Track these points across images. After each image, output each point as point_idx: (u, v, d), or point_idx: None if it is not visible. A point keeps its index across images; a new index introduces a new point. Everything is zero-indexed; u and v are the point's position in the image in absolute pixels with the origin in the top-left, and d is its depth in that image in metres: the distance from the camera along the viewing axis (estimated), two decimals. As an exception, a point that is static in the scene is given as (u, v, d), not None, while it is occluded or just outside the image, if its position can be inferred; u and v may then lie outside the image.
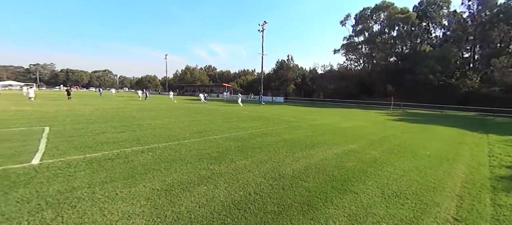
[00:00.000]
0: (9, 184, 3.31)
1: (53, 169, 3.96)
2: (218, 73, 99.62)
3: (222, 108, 20.16)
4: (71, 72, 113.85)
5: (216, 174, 4.02)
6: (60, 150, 5.12)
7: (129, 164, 4.37)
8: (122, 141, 6.25)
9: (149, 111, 15.02)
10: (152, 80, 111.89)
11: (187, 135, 7.50)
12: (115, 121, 9.96)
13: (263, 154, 5.40)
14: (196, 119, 11.89)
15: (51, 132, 7.06)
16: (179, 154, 5.22)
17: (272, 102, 40.33)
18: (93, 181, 3.54)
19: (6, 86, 62.65)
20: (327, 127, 10.40)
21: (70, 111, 13.55)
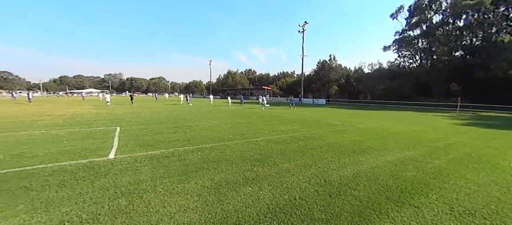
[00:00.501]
0: (94, 174, 4.04)
1: (124, 163, 4.67)
2: (257, 76, 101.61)
3: (262, 111, 20.44)
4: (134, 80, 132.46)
5: (260, 176, 4.10)
6: (128, 147, 6.01)
7: (182, 162, 4.83)
8: (175, 141, 6.94)
9: (196, 114, 16.31)
10: (198, 85, 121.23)
11: (231, 136, 7.86)
12: (169, 123, 11.13)
13: (306, 158, 5.26)
14: (238, 121, 12.35)
15: (121, 132, 8.34)
16: (224, 154, 5.51)
17: (313, 105, 38.96)
18: (154, 175, 4.03)
19: (88, 93, 76.74)
20: (376, 132, 9.49)
21: (133, 113, 15.75)
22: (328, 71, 56.04)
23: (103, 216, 2.68)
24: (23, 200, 3.03)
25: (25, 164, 4.50)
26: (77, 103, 28.31)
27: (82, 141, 6.69)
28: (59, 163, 4.60)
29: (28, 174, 3.96)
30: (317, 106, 34.74)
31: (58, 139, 6.85)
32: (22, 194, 3.20)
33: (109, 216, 2.70)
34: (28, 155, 5.11)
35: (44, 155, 5.11)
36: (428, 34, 40.48)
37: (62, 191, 3.32)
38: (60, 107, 20.68)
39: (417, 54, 45.33)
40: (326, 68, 56.72)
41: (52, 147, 5.88)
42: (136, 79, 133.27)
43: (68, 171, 4.13)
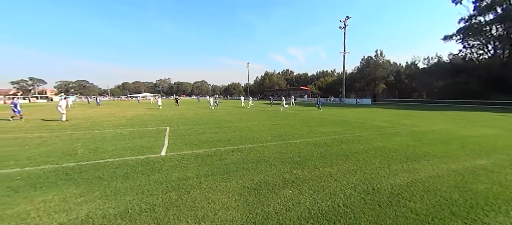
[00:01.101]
0: (150, 169, 4.57)
1: (173, 160, 5.15)
2: (295, 77, 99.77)
3: (300, 112, 19.95)
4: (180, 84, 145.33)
5: (300, 179, 4.00)
6: (177, 146, 6.61)
7: (224, 162, 5.06)
8: (217, 141, 7.33)
9: (234, 115, 16.92)
10: (236, 87, 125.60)
11: (269, 138, 7.90)
12: (210, 124, 11.83)
13: (350, 163, 4.91)
14: (276, 123, 12.32)
15: (171, 131, 9.23)
16: (263, 156, 5.57)
17: (357, 105, 36.22)
18: (199, 173, 4.34)
19: (144, 97, 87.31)
20: (436, 135, 8.26)
21: (180, 115, 17.25)
22: (374, 68, 51.33)
23: (158, 207, 3.01)
24: (98, 188, 3.62)
25: (98, 157, 5.38)
26: (134, 106, 32.50)
27: (140, 139, 7.64)
28: (123, 158, 5.35)
29: (101, 166, 4.72)
30: (361, 106, 32.17)
31: (122, 137, 7.97)
32: (97, 183, 3.83)
33: (163, 207, 3.01)
34: (100, 150, 6.09)
35: (112, 151, 6.01)
36: (505, 18, 33.33)
37: (126, 182, 3.85)
38: (122, 110, 24.04)
39: (489, 44, 37.79)
40: (372, 64, 52.08)
41: (118, 144, 6.88)
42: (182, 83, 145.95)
43: (130, 165, 4.78)
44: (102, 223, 2.65)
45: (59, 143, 7.05)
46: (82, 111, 22.40)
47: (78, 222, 2.67)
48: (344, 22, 43.10)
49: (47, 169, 4.57)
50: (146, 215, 2.81)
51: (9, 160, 5.16)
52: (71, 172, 4.37)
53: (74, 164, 4.83)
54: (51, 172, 4.36)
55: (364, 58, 55.04)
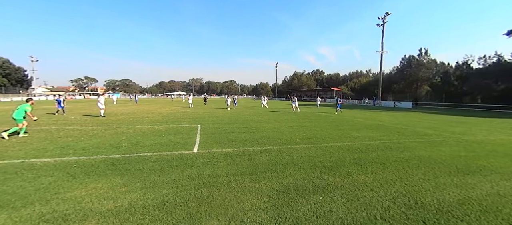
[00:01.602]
0: (183, 164, 4.83)
1: (205, 158, 5.36)
2: (325, 77, 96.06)
3: (332, 114, 19.13)
4: (211, 83, 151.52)
5: (331, 185, 3.82)
6: (207, 144, 6.88)
7: (252, 162, 5.10)
8: (245, 141, 7.43)
9: (262, 115, 16.97)
10: (264, 87, 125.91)
11: (297, 140, 7.73)
12: (239, 123, 12.05)
13: (388, 172, 4.53)
14: (304, 125, 12.01)
15: (202, 129, 9.65)
16: (292, 158, 5.46)
17: (395, 108, 33.36)
18: (229, 171, 4.44)
19: (177, 95, 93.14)
20: (495, 146, 7.14)
21: (210, 114, 17.94)
22: (417, 69, 46.60)
23: (191, 202, 3.15)
24: (139, 180, 3.95)
25: (139, 151, 5.88)
26: (169, 104, 34.83)
27: (174, 135, 8.15)
28: (160, 152, 5.77)
29: (141, 159, 5.15)
30: (399, 110, 29.53)
31: (159, 133, 8.60)
32: (138, 175, 4.19)
33: (195, 203, 3.15)
34: (141, 144, 6.66)
35: (151, 145, 6.52)
36: None
37: (163, 176, 4.14)
38: (159, 107, 25.95)
39: None
40: (414, 64, 47.37)
41: (155, 139, 7.44)
42: (212, 83, 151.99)
43: (166, 160, 5.12)
44: (142, 212, 2.88)
45: (107, 136, 7.90)
46: (124, 107, 24.80)
47: (122, 209, 2.94)
48: (383, 19, 40.10)
49: (98, 159, 5.15)
50: (180, 209, 2.97)
51: (69, 149, 5.96)
52: (117, 163, 4.86)
53: (119, 156, 5.36)
54: (101, 162, 4.90)
55: (405, 57, 50.34)
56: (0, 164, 4.73)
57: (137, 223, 2.65)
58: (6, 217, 2.75)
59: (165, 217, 2.78)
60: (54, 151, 5.73)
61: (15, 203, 3.08)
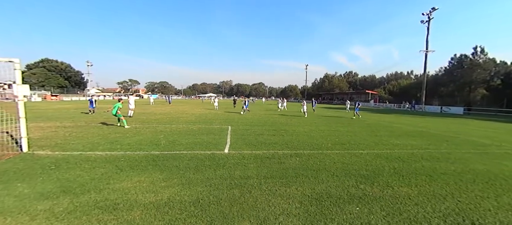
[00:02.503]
0: (216, 164, 5.01)
1: (235, 158, 5.49)
2: (359, 79, 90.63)
3: (367, 119, 17.93)
4: (240, 85, 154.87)
5: (369, 196, 3.56)
6: (238, 145, 7.03)
7: (282, 165, 5.05)
8: (275, 144, 7.39)
9: (291, 118, 16.71)
10: (293, 89, 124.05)
11: (329, 145, 7.41)
12: (268, 125, 12.05)
13: (436, 186, 4.05)
14: (336, 129, 11.47)
15: (232, 130, 9.91)
16: (324, 164, 5.25)
17: (442, 114, 29.81)
18: (259, 173, 4.46)
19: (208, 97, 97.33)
20: None
21: (239, 116, 18.31)
22: (470, 69, 40.90)
23: (224, 202, 3.25)
24: (176, 176, 4.22)
25: (176, 149, 6.29)
26: (201, 105, 36.52)
27: (206, 135, 8.52)
28: (194, 151, 6.08)
29: (178, 157, 5.49)
30: (447, 116, 26.29)
31: (192, 133, 9.08)
32: (175, 171, 4.47)
33: (228, 202, 3.23)
34: (177, 143, 7.11)
35: (186, 144, 6.92)
36: None
37: (197, 174, 4.35)
38: (191, 108, 27.43)
39: None
40: (466, 65, 41.73)
41: (189, 138, 7.88)
42: (241, 85, 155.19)
43: (199, 159, 5.37)
44: (179, 208, 3.06)
45: (148, 134, 8.63)
46: (161, 108, 26.79)
47: (162, 203, 3.17)
48: (428, 15, 36.32)
49: (140, 154, 5.65)
50: (214, 207, 3.08)
51: (117, 145, 6.66)
52: (156, 159, 5.27)
53: (159, 153, 5.81)
54: (143, 158, 5.37)
55: (455, 57, 44.60)
56: (64, 155, 5.51)
57: (175, 217, 2.83)
58: (69, 201, 3.18)
59: (200, 214, 2.91)
60: (105, 146, 6.47)
61: (76, 190, 3.55)
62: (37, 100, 41.87)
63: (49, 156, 5.34)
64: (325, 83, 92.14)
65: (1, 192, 3.41)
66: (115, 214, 2.87)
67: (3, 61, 5.70)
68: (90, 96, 17.91)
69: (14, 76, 5.83)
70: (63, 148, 6.12)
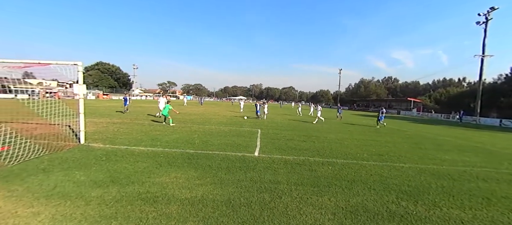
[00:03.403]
0: (246, 166, 5.09)
1: (265, 162, 5.50)
2: (400, 86, 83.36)
3: (408, 129, 16.36)
4: (270, 89, 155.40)
5: (412, 215, 3.23)
6: (267, 149, 7.03)
7: (314, 173, 4.89)
8: (305, 150, 7.20)
9: (322, 124, 16.10)
10: (325, 94, 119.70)
11: (365, 155, 6.94)
12: (298, 131, 11.81)
13: (496, 211, 3.48)
14: (373, 138, 10.69)
15: (262, 134, 9.97)
16: (359, 175, 4.93)
17: (501, 128, 25.63)
18: (289, 180, 4.39)
19: (239, 99, 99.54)
20: None
21: (269, 119, 18.33)
22: (542, 76, 34.46)
23: (254, 205, 3.28)
24: (209, 175, 4.40)
25: (208, 149, 6.57)
26: (231, 107, 37.56)
27: (237, 137, 8.72)
28: (225, 152, 6.27)
29: (210, 157, 5.73)
30: (509, 130, 22.47)
31: (224, 134, 9.39)
32: (208, 171, 4.67)
33: (258, 206, 3.25)
34: (210, 143, 7.43)
35: (218, 145, 7.19)
36: None
37: (228, 175, 4.47)
38: (222, 110, 28.37)
39: None
40: (537, 71, 35.22)
41: (221, 139, 8.16)
42: (271, 89, 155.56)
43: (231, 160, 5.52)
44: (212, 206, 3.18)
45: (184, 133, 9.19)
46: (194, 109, 28.27)
47: (196, 200, 3.34)
48: (486, 16, 31.74)
49: (177, 152, 6.04)
50: (244, 210, 3.12)
51: (157, 142, 7.24)
52: (191, 157, 5.57)
53: (193, 152, 6.14)
54: (179, 155, 5.72)
55: (521, 61, 38.02)
56: (113, 148, 6.18)
57: (208, 215, 2.95)
58: (117, 191, 3.55)
59: (232, 214, 2.98)
60: (147, 142, 7.08)
61: (122, 181, 3.95)
62: (92, 98, 47.95)
63: (101, 149, 6.06)
64: (361, 89, 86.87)
65: (63, 178, 3.97)
66: (155, 206, 3.11)
67: (69, 64, 6.69)
68: (125, 95, 19.64)
69: (75, 77, 6.82)
70: (112, 142, 6.88)
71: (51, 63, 6.34)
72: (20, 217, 2.71)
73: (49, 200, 3.14)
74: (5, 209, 2.87)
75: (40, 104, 8.31)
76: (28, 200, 3.11)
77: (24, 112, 10.43)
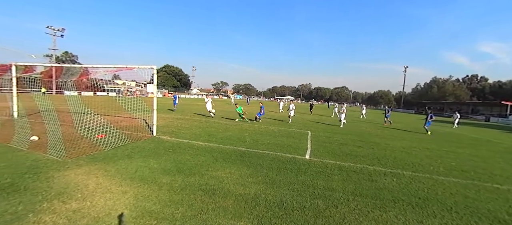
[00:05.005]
0: (297, 169, 4.97)
1: (317, 166, 5.24)
2: (489, 85, 66.78)
3: (502, 141, 12.96)
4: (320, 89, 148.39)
5: (517, 254, 2.51)
6: (319, 152, 6.70)
7: (374, 184, 4.38)
8: (363, 157, 6.54)
9: (382, 129, 14.34)
10: (385, 95, 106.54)
11: (441, 169, 5.81)
12: (353, 135, 10.84)
13: None
14: (451, 149, 8.86)
15: (312, 136, 9.58)
16: (435, 193, 4.16)
17: None
18: (345, 188, 4.06)
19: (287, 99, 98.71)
20: None
21: (317, 121, 17.48)
22: None
23: (307, 210, 3.15)
24: (260, 174, 4.49)
25: (259, 148, 6.71)
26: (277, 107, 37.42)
27: (286, 138, 8.63)
28: (275, 152, 6.28)
29: (261, 156, 5.84)
30: None
31: (273, 134, 9.44)
32: (259, 169, 4.76)
33: (312, 212, 3.11)
34: (260, 142, 7.58)
35: (268, 144, 7.27)
36: None
37: (279, 176, 4.46)
38: (270, 110, 28.59)
39: None
40: None
41: (270, 139, 8.22)
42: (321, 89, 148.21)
43: (281, 161, 5.49)
44: (265, 206, 3.22)
45: (235, 131, 9.67)
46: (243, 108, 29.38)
47: (249, 198, 3.44)
48: None
49: (230, 149, 6.39)
50: (298, 214, 3.04)
51: (212, 137, 7.83)
52: (243, 155, 5.81)
53: (245, 149, 6.38)
54: (232, 152, 6.04)
55: None
56: (178, 141, 7.00)
57: (261, 214, 2.99)
58: (182, 180, 3.99)
59: (285, 217, 2.94)
60: (204, 138, 7.75)
61: (185, 171, 4.41)
62: (160, 96, 55.80)
63: (168, 141, 6.95)
64: (433, 90, 73.57)
65: (141, 164, 4.71)
66: (213, 198, 3.35)
67: (147, 68, 7.91)
68: (174, 94, 21.63)
69: (149, 78, 8.13)
70: (177, 136, 7.81)
71: (135, 67, 7.62)
72: (113, 193, 3.34)
73: (132, 182, 3.78)
74: (103, 185, 3.59)
75: (124, 100, 10.03)
76: (118, 180, 3.82)
77: (114, 106, 12.96)
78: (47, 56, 49.63)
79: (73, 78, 11.52)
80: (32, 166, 4.25)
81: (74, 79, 11.36)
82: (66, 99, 16.89)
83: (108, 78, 10.98)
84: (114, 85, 44.31)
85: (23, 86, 11.27)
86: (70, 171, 4.11)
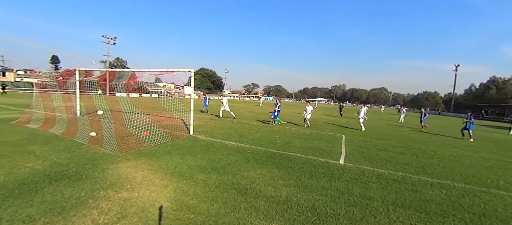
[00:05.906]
0: (330, 174, 4.80)
1: (353, 173, 4.98)
2: None
3: None
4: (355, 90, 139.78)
5: None
6: (355, 157, 6.35)
7: (419, 195, 3.98)
8: (405, 164, 5.99)
9: (429, 135, 12.86)
10: (432, 97, 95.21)
11: (502, 183, 4.99)
12: (393, 140, 9.98)
13: None
14: (520, 161, 7.51)
15: (347, 140, 9.11)
16: (494, 210, 3.60)
17: None
18: (385, 198, 3.78)
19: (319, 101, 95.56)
20: None
21: (349, 123, 16.50)
22: None
23: (342, 218, 3.03)
24: (292, 177, 4.46)
25: (290, 150, 6.66)
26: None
27: (319, 141, 8.37)
28: (307, 155, 6.16)
29: (292, 158, 5.79)
30: None
31: (305, 136, 9.25)
32: (290, 172, 4.73)
33: (347, 221, 2.98)
34: (291, 144, 7.52)
35: (299, 147, 7.17)
36: None
37: (311, 180, 4.37)
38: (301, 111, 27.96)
39: None
40: None
41: (302, 142, 8.08)
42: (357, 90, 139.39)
43: (313, 165, 5.37)
44: (297, 209, 3.20)
45: (266, 132, 9.75)
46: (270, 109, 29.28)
47: (281, 200, 3.45)
48: None
49: (261, 150, 6.48)
50: (332, 221, 2.95)
51: (244, 138, 8.04)
52: (274, 157, 5.83)
53: (276, 151, 6.40)
54: (263, 153, 6.12)
55: None
56: (212, 141, 7.36)
57: (293, 217, 2.98)
58: (216, 178, 4.20)
59: (318, 223, 2.88)
60: (236, 138, 8.00)
61: (219, 170, 4.63)
62: (195, 97, 59.29)
63: (204, 140, 7.36)
64: (491, 91, 63.19)
65: (180, 161, 5.08)
66: (245, 198, 3.46)
67: (185, 71, 8.51)
68: (205, 95, 22.28)
69: (186, 80, 8.74)
70: (211, 135, 8.22)
71: (175, 70, 8.28)
72: (156, 186, 3.70)
73: (172, 177, 4.12)
74: (148, 178, 3.99)
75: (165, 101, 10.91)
76: (160, 175, 4.21)
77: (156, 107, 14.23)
78: (102, 62, 56.82)
79: (123, 81, 13.00)
80: (91, 158, 4.95)
81: (124, 82, 12.81)
82: (118, 100, 19.17)
83: (151, 81, 12.11)
84: (156, 87, 48.68)
85: (85, 88, 13.14)
86: (121, 164, 4.66)
